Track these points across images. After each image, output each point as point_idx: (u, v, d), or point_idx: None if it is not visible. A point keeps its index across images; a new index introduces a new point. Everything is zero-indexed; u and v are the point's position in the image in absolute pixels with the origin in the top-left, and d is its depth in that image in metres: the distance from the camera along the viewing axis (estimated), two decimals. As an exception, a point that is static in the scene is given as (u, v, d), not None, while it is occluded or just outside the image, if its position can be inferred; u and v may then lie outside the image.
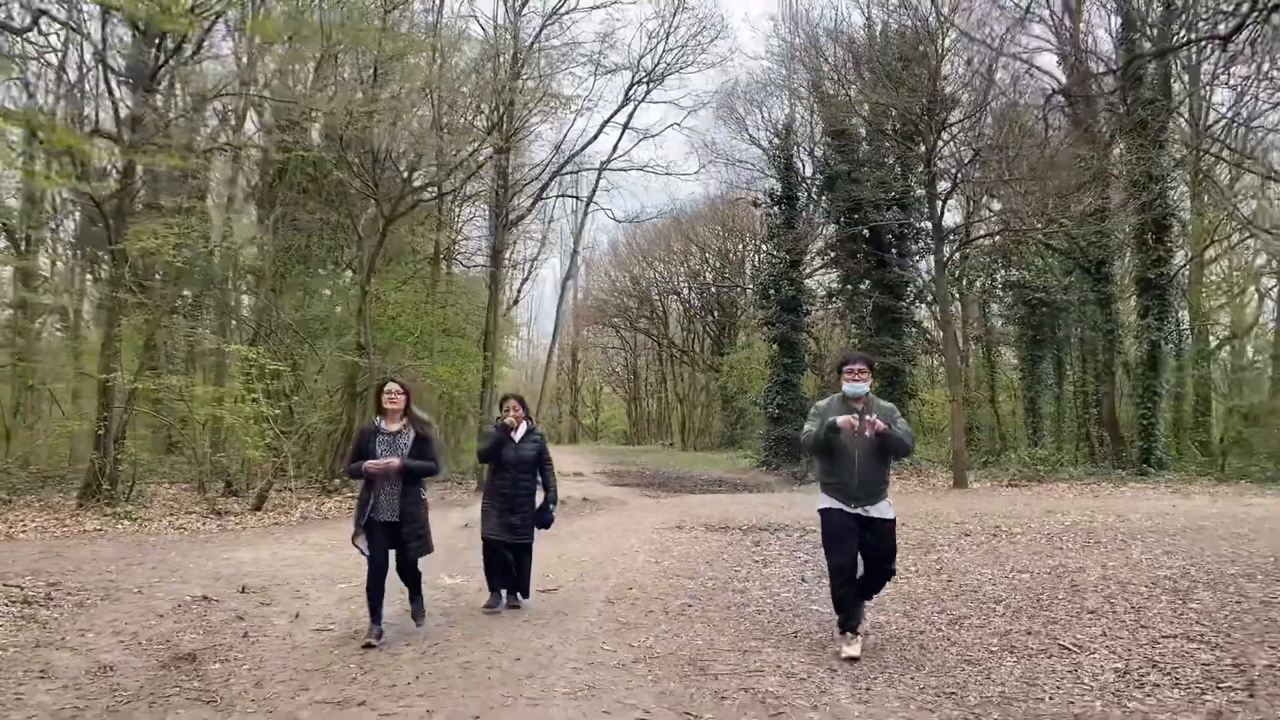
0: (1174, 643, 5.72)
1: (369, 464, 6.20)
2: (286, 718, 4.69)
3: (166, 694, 5.14)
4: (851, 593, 5.84)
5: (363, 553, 6.28)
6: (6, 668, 5.60)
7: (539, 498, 7.58)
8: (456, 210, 22.62)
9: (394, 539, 6.29)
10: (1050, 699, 4.77)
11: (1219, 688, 4.80)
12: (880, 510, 5.86)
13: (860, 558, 5.85)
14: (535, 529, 7.54)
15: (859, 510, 5.82)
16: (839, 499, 5.86)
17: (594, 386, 70.25)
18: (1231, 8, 8.69)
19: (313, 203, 16.65)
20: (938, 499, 17.52)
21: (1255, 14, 8.20)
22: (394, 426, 6.35)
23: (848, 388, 6.01)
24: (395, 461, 6.21)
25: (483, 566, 7.55)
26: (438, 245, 20.32)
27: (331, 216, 14.32)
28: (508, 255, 24.42)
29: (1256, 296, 29.35)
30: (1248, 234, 26.59)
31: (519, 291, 32.95)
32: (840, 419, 5.82)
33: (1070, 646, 5.79)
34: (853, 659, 5.55)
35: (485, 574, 7.52)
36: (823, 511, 5.97)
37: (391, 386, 6.46)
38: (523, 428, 7.57)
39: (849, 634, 5.77)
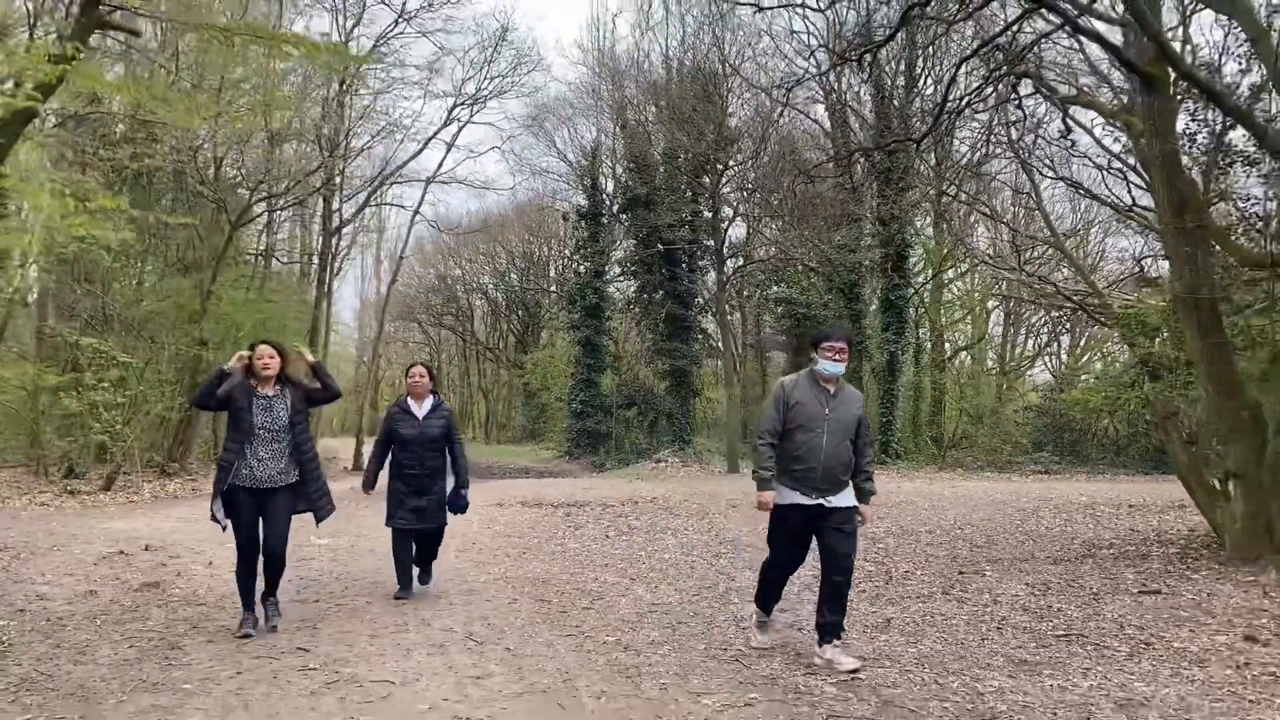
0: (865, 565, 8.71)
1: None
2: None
3: (157, 601, 7.03)
4: (778, 591, 5.62)
5: (219, 523, 5.86)
6: (8, 595, 7.27)
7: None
8: (284, 213, 23.90)
9: (275, 505, 5.84)
10: (808, 604, 7.55)
11: (872, 582, 7.73)
12: (844, 499, 5.28)
13: (821, 553, 5.31)
14: (447, 513, 7.11)
15: (820, 501, 5.21)
16: (800, 491, 5.22)
17: (394, 380, 70.67)
18: (921, 120, 11.99)
19: (157, 207, 17.82)
20: (714, 481, 20.75)
21: (937, 123, 11.50)
22: (269, 390, 5.88)
23: (825, 367, 5.27)
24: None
25: (392, 554, 7.16)
26: (269, 246, 21.65)
27: (175, 219, 15.62)
28: (335, 257, 25.80)
29: (985, 314, 34.74)
30: (976, 262, 31.66)
31: (330, 288, 34.01)
32: (765, 496, 5.30)
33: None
34: (763, 649, 5.44)
35: (394, 563, 7.13)
36: (775, 506, 5.34)
37: (264, 349, 5.89)
38: (428, 402, 7.07)
39: (762, 622, 5.65)
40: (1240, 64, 9.56)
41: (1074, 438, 26.64)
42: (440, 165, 29.75)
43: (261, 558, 5.91)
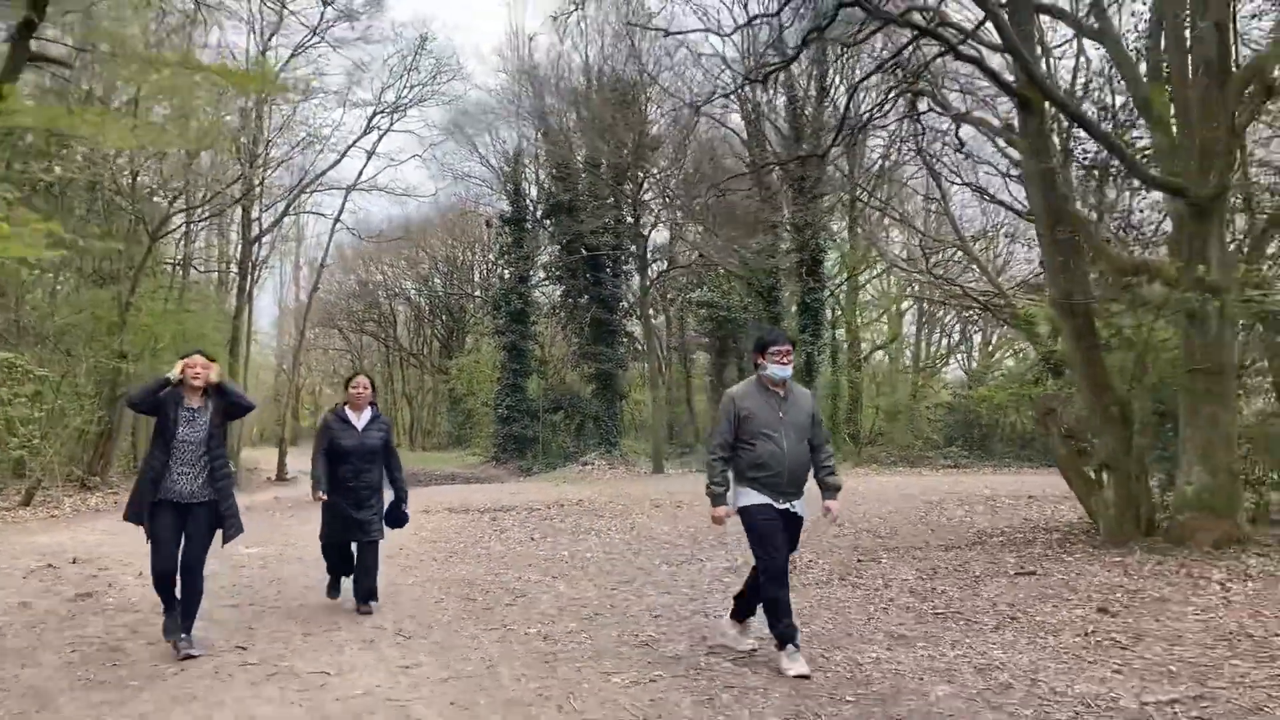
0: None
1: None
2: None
3: (93, 610, 7.25)
4: (787, 594, 5.19)
5: (146, 532, 5.73)
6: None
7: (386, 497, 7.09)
8: (202, 223, 23.77)
9: (196, 521, 5.75)
10: (684, 581, 8.07)
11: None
12: (800, 507, 5.29)
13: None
14: (384, 527, 6.99)
15: (786, 506, 5.20)
16: (768, 494, 5.17)
17: (314, 388, 69.86)
18: (832, 131, 12.70)
19: (70, 219, 17.70)
20: (640, 483, 21.28)
21: (838, 138, 12.20)
22: (195, 402, 5.79)
23: (774, 370, 5.23)
24: None
25: (324, 560, 7.15)
26: (187, 256, 21.56)
27: (104, 243, 15.58)
28: (254, 266, 25.71)
29: (899, 315, 35.96)
30: (888, 265, 32.81)
31: (251, 296, 33.74)
32: (720, 511, 5.30)
33: (705, 557, 9.22)
34: (803, 676, 4.91)
35: (327, 569, 7.16)
36: (746, 510, 5.22)
37: (196, 359, 5.85)
38: (367, 413, 6.96)
39: (790, 647, 5.07)
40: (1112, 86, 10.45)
41: (983, 433, 27.89)
42: (360, 173, 29.91)
43: (179, 580, 5.72)
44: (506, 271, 32.12)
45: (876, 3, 9.04)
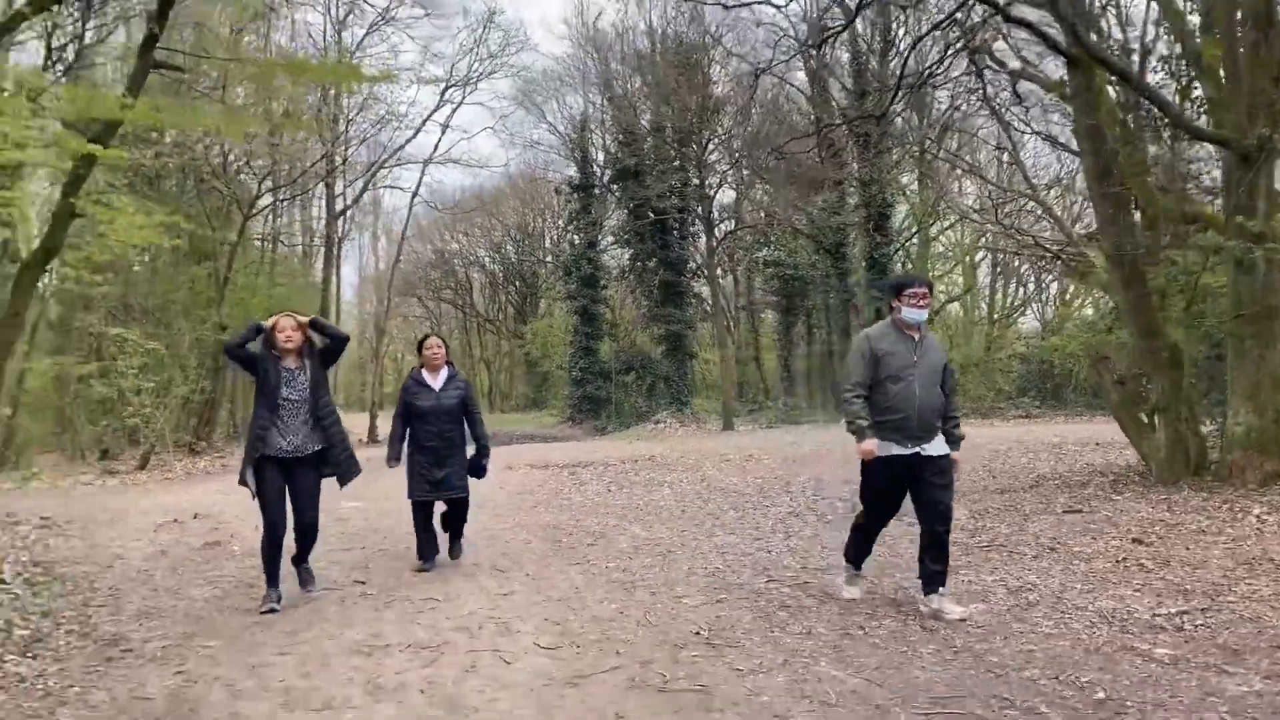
0: (837, 505, 9.90)
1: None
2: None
3: (223, 556, 8.19)
4: (871, 545, 5.62)
5: (249, 487, 5.99)
6: (89, 558, 8.43)
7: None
8: (288, 200, 24.93)
9: (304, 473, 6.03)
10: (750, 524, 8.72)
11: (835, 517, 8.92)
12: (936, 447, 5.25)
13: (918, 505, 5.32)
14: (469, 480, 7.11)
15: (916, 450, 5.20)
16: (894, 441, 5.20)
17: (397, 354, 71.90)
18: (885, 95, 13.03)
19: (169, 201, 18.89)
20: (711, 439, 21.94)
21: (895, 98, 12.52)
22: (293, 362, 6.00)
23: (909, 314, 5.25)
24: None
25: (413, 526, 7.18)
26: (275, 231, 22.77)
27: (190, 213, 16.66)
28: (339, 241, 26.88)
29: (973, 267, 35.77)
30: (958, 217, 32.69)
31: (337, 268, 35.12)
32: (867, 444, 5.21)
33: (770, 503, 9.85)
34: (853, 600, 5.45)
35: (416, 536, 7.16)
36: (874, 461, 5.27)
37: (285, 323, 6.01)
38: (443, 374, 7.07)
39: (850, 568, 5.64)
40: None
41: (1056, 383, 27.82)
42: (435, 147, 30.74)
43: (294, 528, 6.07)
44: (576, 237, 32.89)
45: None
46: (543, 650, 4.70)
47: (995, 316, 34.78)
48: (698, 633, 4.91)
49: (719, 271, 29.37)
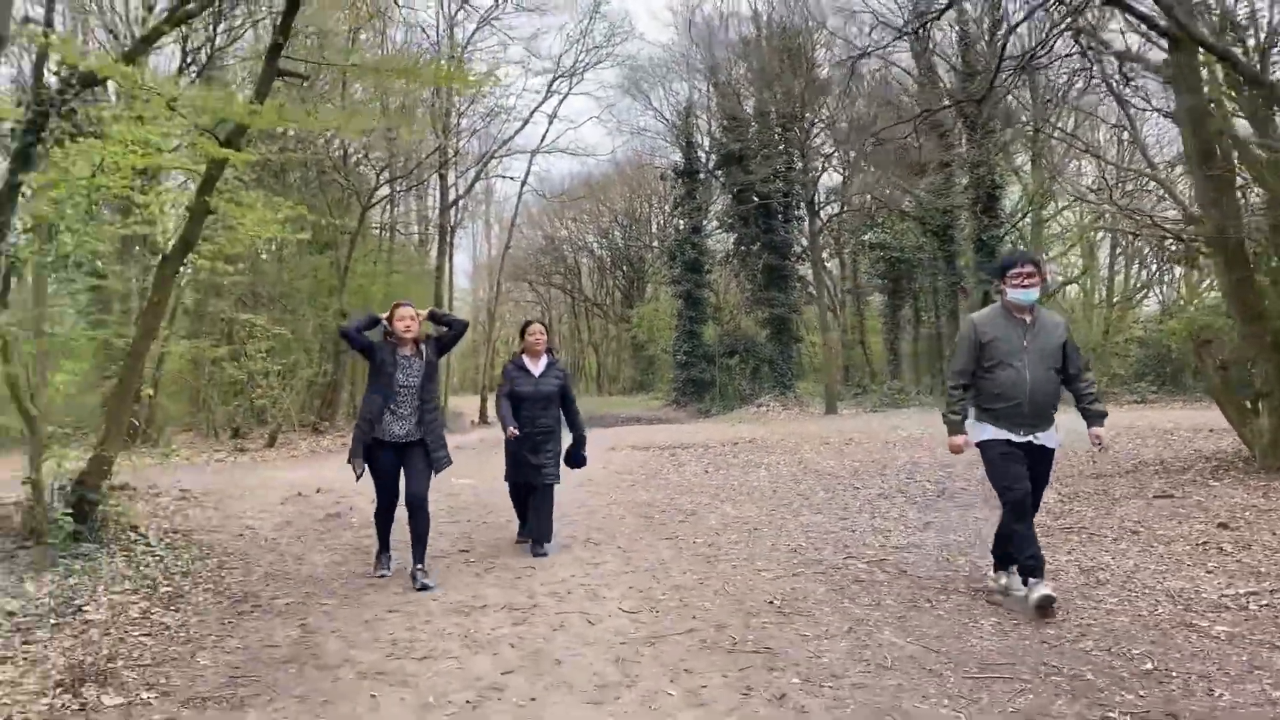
0: (923, 483, 10.02)
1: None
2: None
3: (342, 527, 8.84)
4: (1029, 527, 5.01)
5: (355, 470, 6.24)
6: (222, 527, 9.21)
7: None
8: (403, 191, 26.00)
9: (414, 459, 6.18)
10: (838, 504, 8.94)
11: (904, 494, 9.05)
12: (1049, 438, 5.09)
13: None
14: (561, 469, 7.14)
15: (1029, 439, 5.02)
16: (1006, 427, 5.00)
17: (508, 339, 73.69)
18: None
19: (296, 194, 20.02)
20: (813, 422, 22.03)
21: (994, 81, 12.41)
22: (409, 350, 6.16)
23: (1015, 295, 5.00)
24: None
25: (512, 504, 7.57)
26: (391, 221, 23.82)
27: (312, 204, 17.61)
28: (452, 229, 27.86)
29: (1090, 248, 34.69)
30: (1072, 198, 31.75)
31: (450, 256, 36.30)
32: (959, 440, 5.11)
33: (862, 486, 10.03)
34: (1048, 599, 4.78)
35: (516, 512, 7.54)
36: (982, 444, 5.10)
37: (405, 313, 6.16)
38: (543, 361, 7.12)
39: (1034, 580, 4.91)
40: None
41: (1175, 368, 26.84)
42: (543, 137, 31.41)
43: (405, 504, 6.18)
44: (681, 222, 33.18)
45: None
46: (625, 613, 5.09)
47: (1115, 300, 33.68)
48: (771, 602, 5.22)
49: (824, 255, 29.25)
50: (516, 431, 6.81)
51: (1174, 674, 3.83)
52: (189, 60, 17.82)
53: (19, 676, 4.22)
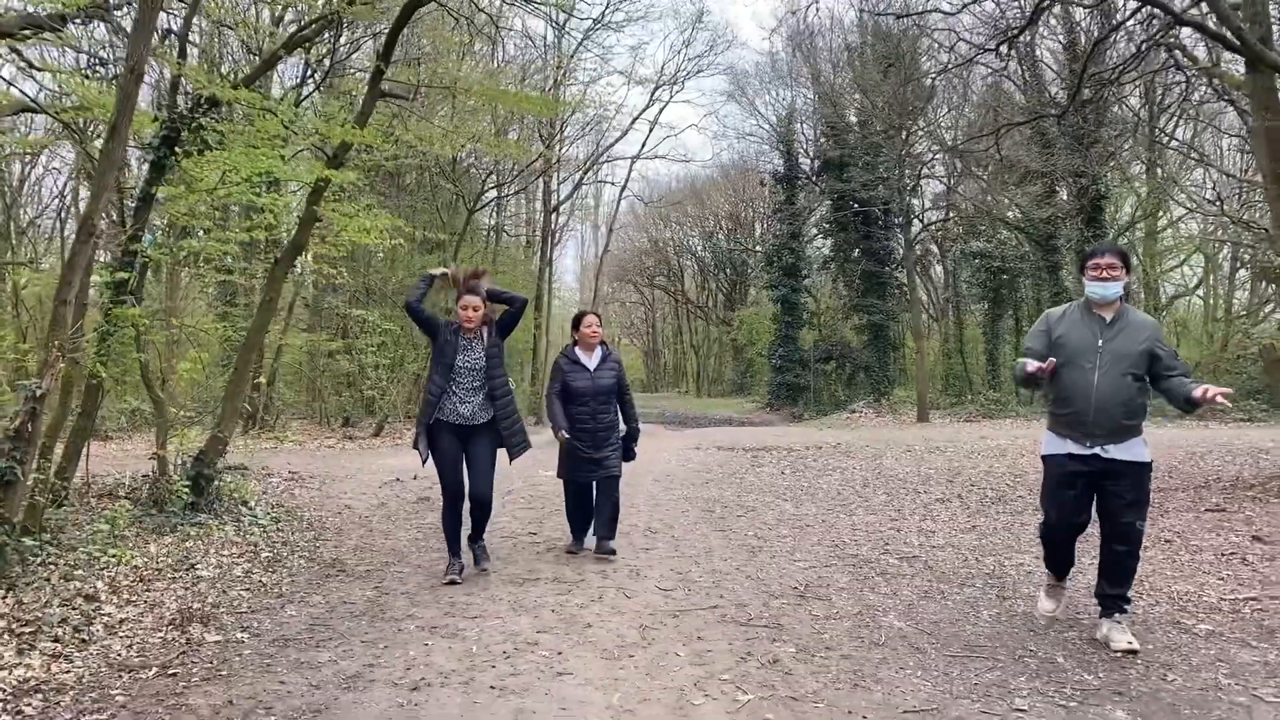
0: (1000, 486, 10.27)
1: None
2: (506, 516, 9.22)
3: (429, 509, 9.60)
4: (1066, 555, 4.82)
5: (420, 454, 6.22)
6: (323, 505, 10.10)
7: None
8: (510, 195, 27.08)
9: (478, 442, 6.10)
10: (893, 506, 9.28)
11: (962, 502, 9.32)
12: (1126, 450, 4.48)
13: (1099, 516, 4.62)
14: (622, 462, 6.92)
15: (1095, 450, 4.48)
16: (1070, 437, 4.57)
17: (613, 339, 74.99)
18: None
19: (409, 197, 21.19)
20: (903, 430, 22.12)
21: (1075, 96, 12.52)
22: (470, 333, 6.12)
23: (1093, 289, 4.55)
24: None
25: (565, 509, 7.22)
26: (498, 224, 24.88)
27: (423, 207, 18.68)
28: (554, 233, 28.87)
29: (1204, 259, 33.53)
30: (1190, 208, 30.77)
31: (551, 259, 37.42)
32: (1030, 366, 4.55)
33: (925, 491, 10.33)
34: (1047, 614, 4.90)
35: (568, 517, 7.19)
36: (1045, 459, 4.77)
37: (468, 300, 6.06)
38: (597, 353, 6.90)
39: (1044, 592, 4.99)
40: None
41: (1291, 385, 25.85)
42: (644, 144, 32.09)
43: (469, 502, 6.15)
44: (780, 227, 33.49)
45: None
46: (660, 590, 5.67)
47: (1234, 314, 32.47)
48: (794, 587, 5.71)
49: (923, 263, 29.14)
50: (567, 435, 6.62)
51: (1138, 661, 4.18)
52: (311, 70, 19.10)
53: (139, 615, 5.04)
